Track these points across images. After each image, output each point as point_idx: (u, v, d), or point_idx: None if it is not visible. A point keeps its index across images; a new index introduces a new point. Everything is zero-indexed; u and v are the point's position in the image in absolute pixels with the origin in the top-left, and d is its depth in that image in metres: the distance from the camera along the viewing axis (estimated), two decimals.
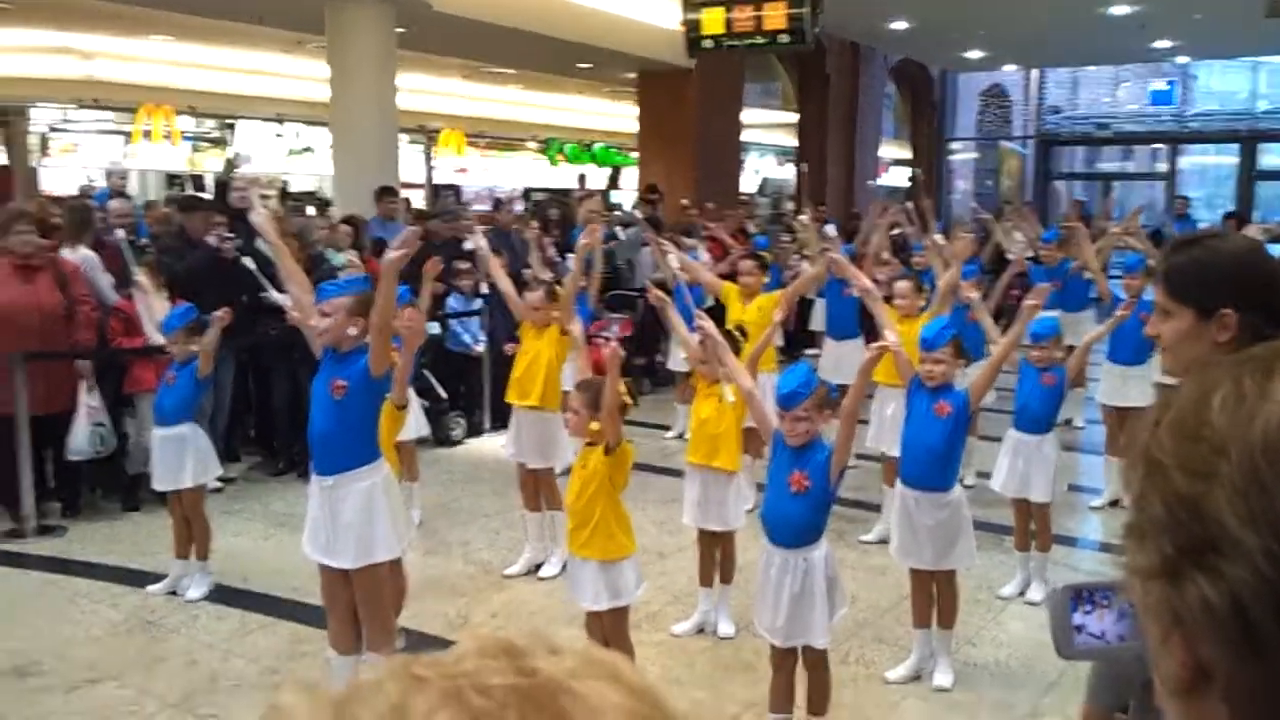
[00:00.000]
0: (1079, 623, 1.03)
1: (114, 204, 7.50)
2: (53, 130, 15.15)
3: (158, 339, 5.40)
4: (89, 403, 5.70)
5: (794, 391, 3.38)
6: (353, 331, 3.55)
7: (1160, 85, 19.75)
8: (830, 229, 7.31)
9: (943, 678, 4.06)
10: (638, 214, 10.29)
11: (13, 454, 5.54)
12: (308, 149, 17.18)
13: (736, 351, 4.50)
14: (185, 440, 4.83)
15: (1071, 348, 5.55)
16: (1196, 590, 0.58)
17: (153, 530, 5.62)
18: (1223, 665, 0.58)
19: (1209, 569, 0.58)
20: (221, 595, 4.83)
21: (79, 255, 6.23)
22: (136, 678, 4.05)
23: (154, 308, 5.33)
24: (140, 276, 5.41)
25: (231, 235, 6.59)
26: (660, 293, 4.47)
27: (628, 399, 3.63)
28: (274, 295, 5.34)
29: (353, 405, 3.55)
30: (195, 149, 16.12)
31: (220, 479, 6.12)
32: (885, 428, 5.70)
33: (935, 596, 4.10)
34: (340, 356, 3.58)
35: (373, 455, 3.65)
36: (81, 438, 5.67)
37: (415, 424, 5.47)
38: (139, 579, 5.02)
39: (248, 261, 5.94)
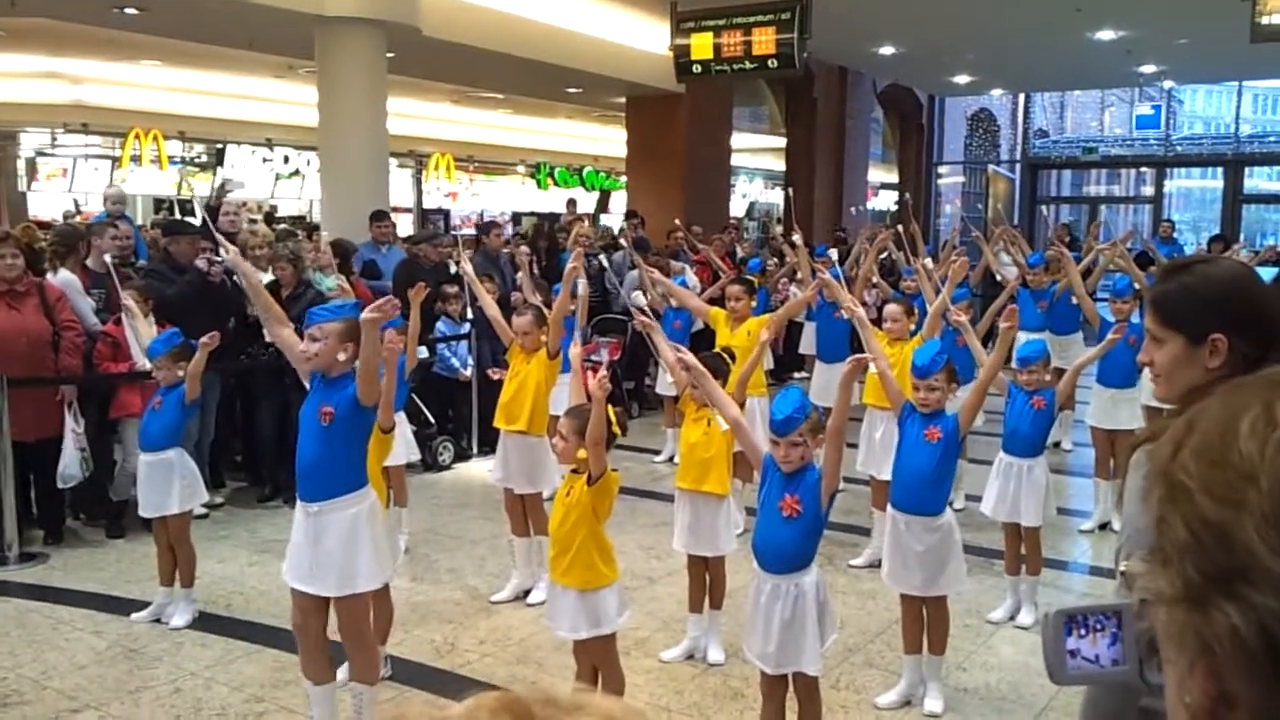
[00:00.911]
0: (1073, 648, 1.02)
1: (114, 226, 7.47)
2: (41, 155, 15.13)
3: (145, 364, 5.36)
4: (75, 428, 5.66)
5: (789, 417, 3.36)
6: (342, 357, 3.53)
7: (1146, 110, 19.93)
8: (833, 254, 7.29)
9: (933, 703, 4.03)
10: (622, 241, 10.31)
11: None
12: (296, 173, 17.20)
13: (727, 373, 4.50)
14: (171, 466, 4.79)
15: (1060, 371, 5.56)
16: (1224, 619, 0.57)
17: (136, 557, 5.57)
18: (1248, 695, 0.57)
19: (1238, 598, 0.57)
20: (206, 623, 4.78)
21: (60, 279, 6.20)
22: (119, 707, 3.99)
23: (141, 332, 5.29)
24: (128, 300, 5.36)
25: (220, 259, 6.58)
26: (645, 318, 4.45)
27: (616, 429, 3.60)
28: None
29: (340, 432, 3.52)
30: (184, 173, 16.11)
31: (206, 505, 6.08)
32: (874, 451, 5.70)
33: (926, 622, 4.07)
34: (329, 382, 3.56)
35: (359, 483, 3.61)
36: (72, 463, 5.62)
37: (404, 448, 5.44)
38: (122, 606, 4.96)
39: (239, 278, 5.93)
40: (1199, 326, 1.71)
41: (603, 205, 21.66)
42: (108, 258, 5.99)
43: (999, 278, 8.58)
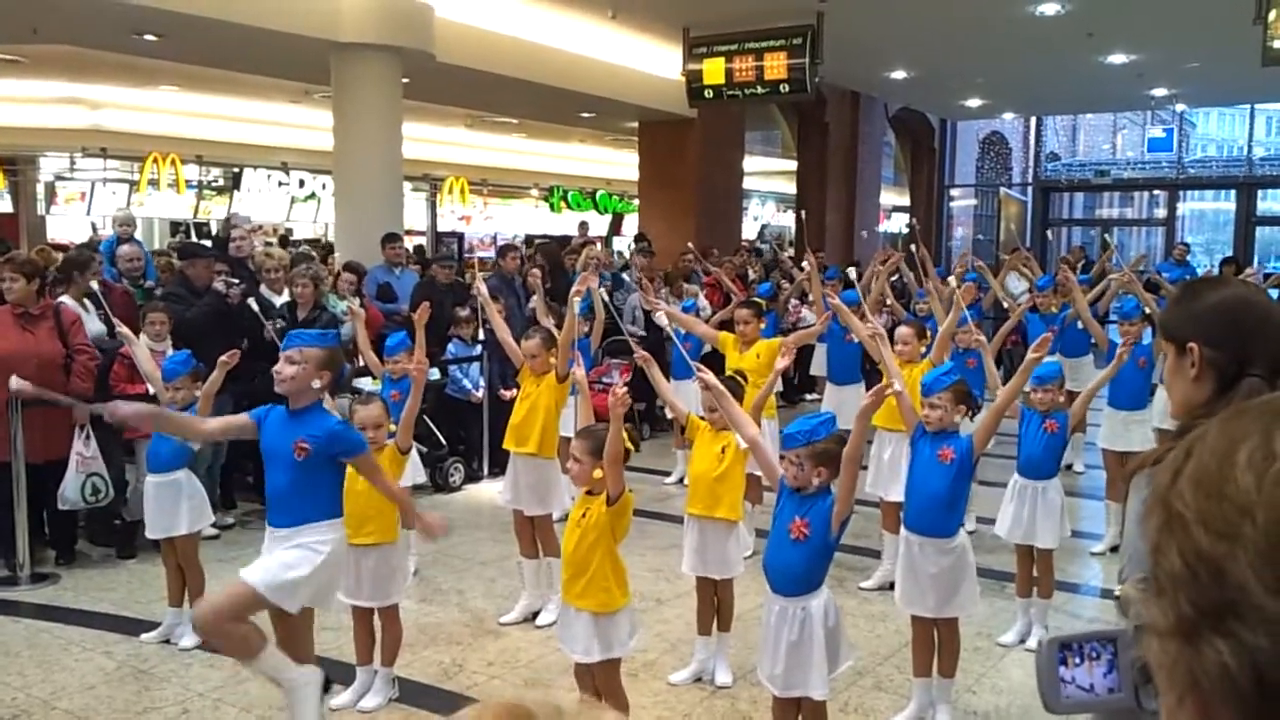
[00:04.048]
0: (1068, 676, 1.02)
1: (123, 249, 7.57)
2: (60, 179, 15.31)
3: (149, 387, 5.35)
4: (83, 452, 5.66)
5: (791, 434, 3.37)
6: (317, 384, 3.50)
7: (1158, 132, 19.91)
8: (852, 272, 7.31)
9: None
10: (625, 277, 10.33)
11: (8, 501, 5.52)
12: (311, 197, 17.34)
13: (740, 396, 4.50)
14: (179, 487, 4.81)
15: (1073, 394, 5.54)
16: (1215, 656, 0.56)
17: (147, 578, 5.59)
18: None
19: (1229, 634, 0.56)
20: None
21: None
22: None
23: (140, 356, 5.26)
24: (122, 327, 5.34)
25: (236, 281, 6.66)
26: (645, 352, 4.45)
27: (629, 445, 3.60)
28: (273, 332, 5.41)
29: (314, 464, 3.49)
30: (201, 197, 16.26)
31: (217, 526, 6.10)
32: (883, 472, 5.69)
33: (937, 644, 4.05)
34: (298, 414, 3.53)
35: (332, 513, 3.56)
36: (72, 488, 5.62)
37: (411, 470, 5.45)
38: (133, 627, 4.98)
39: (252, 303, 5.98)
40: (1181, 335, 1.77)
41: (615, 228, 21.74)
42: (94, 284, 6.03)
43: (1005, 305, 8.58)
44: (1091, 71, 13.65)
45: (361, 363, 5.94)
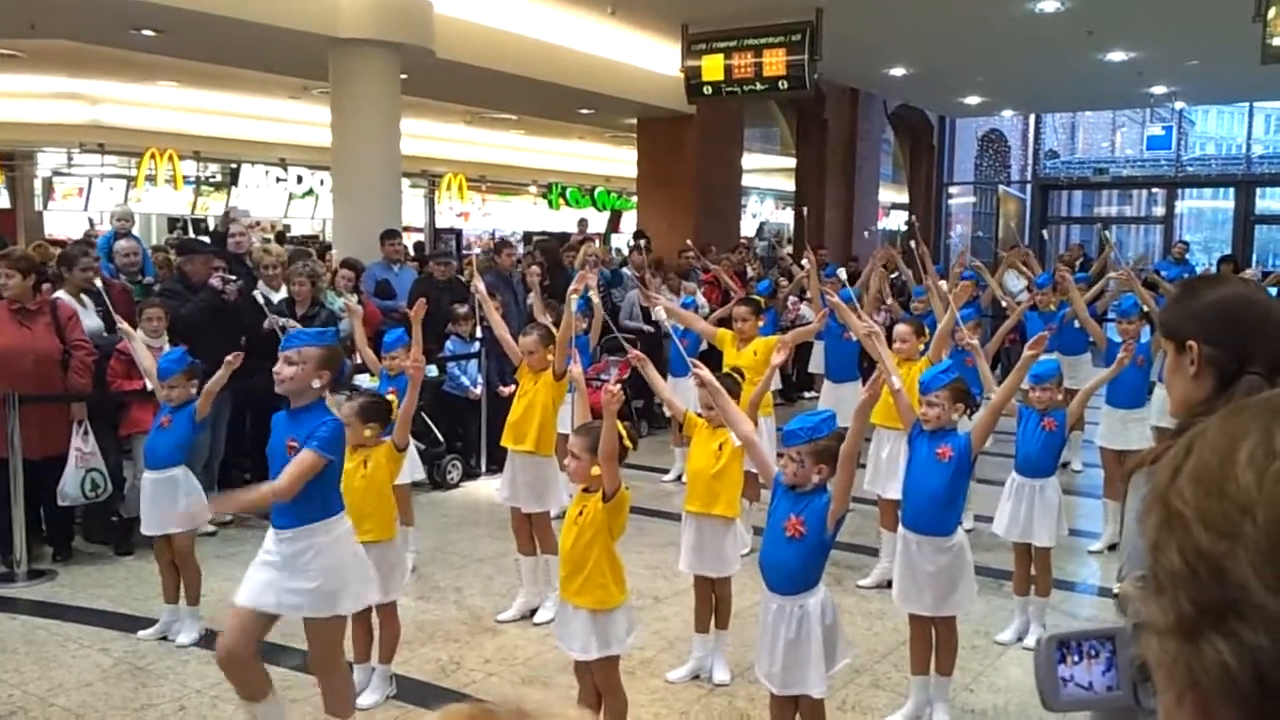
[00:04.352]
0: (1066, 674, 1.02)
1: (120, 245, 7.55)
2: (57, 175, 15.27)
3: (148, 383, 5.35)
4: (81, 448, 5.65)
5: (793, 430, 3.37)
6: (317, 384, 3.49)
7: (1157, 130, 19.90)
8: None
9: None
10: (626, 271, 10.33)
11: (5, 498, 5.51)
12: (309, 193, 17.31)
13: (737, 393, 4.49)
14: (177, 483, 4.80)
15: (1072, 392, 5.54)
16: (1215, 655, 0.56)
17: (144, 575, 5.58)
18: None
19: (1229, 633, 0.56)
20: (212, 640, 4.74)
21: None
22: None
23: (140, 352, 5.25)
24: (123, 324, 5.33)
25: (234, 278, 6.64)
26: (639, 352, 4.44)
27: (627, 443, 3.60)
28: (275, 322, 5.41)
29: None
30: (199, 193, 16.23)
31: (215, 523, 6.10)
32: (881, 470, 5.68)
33: (934, 643, 4.05)
34: (295, 414, 3.52)
35: (331, 511, 3.55)
36: (71, 483, 5.61)
37: (408, 467, 5.44)
38: (130, 624, 4.97)
39: (258, 295, 5.98)
40: (1180, 333, 1.77)
41: (614, 225, 21.73)
42: (98, 281, 6.01)
43: (1004, 304, 8.57)
44: (1091, 69, 13.64)
45: (359, 359, 5.93)
